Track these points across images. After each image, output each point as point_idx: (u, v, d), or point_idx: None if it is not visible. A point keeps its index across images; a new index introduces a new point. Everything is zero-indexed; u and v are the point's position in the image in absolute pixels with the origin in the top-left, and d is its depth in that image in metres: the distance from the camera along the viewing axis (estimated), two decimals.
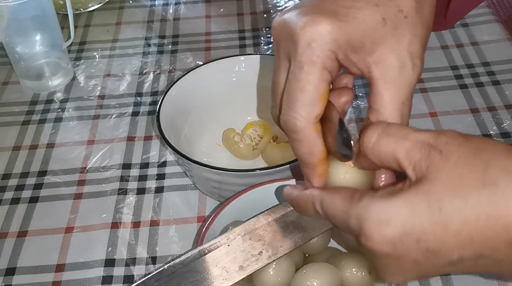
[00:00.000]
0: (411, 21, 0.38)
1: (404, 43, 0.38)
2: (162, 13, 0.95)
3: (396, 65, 0.38)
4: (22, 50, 0.79)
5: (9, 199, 0.66)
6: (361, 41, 0.37)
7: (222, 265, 0.43)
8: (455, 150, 0.33)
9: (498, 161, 0.32)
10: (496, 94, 0.74)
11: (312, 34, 0.37)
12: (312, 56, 0.37)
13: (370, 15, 0.37)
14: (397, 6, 0.38)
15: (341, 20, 0.37)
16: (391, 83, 0.38)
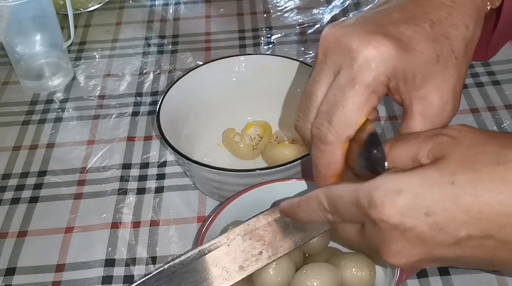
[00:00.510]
0: (460, 62, 0.38)
1: (450, 83, 0.38)
2: (162, 13, 0.95)
3: (439, 105, 0.38)
4: (22, 50, 0.79)
5: (9, 199, 0.66)
6: (414, 73, 0.37)
7: (222, 265, 0.43)
8: (469, 135, 0.33)
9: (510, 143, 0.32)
10: (496, 94, 0.74)
11: (375, 55, 0.36)
12: (368, 77, 0.36)
13: (428, 49, 0.37)
14: (451, 45, 0.38)
15: (404, 48, 0.36)
16: (428, 121, 0.38)
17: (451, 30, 0.38)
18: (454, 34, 0.38)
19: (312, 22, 0.90)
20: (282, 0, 0.96)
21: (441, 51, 0.37)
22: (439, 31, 0.38)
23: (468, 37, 0.38)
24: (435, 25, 0.38)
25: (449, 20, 0.38)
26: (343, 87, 0.37)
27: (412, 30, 0.37)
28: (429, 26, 0.37)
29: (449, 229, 0.32)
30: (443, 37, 0.38)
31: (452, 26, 0.38)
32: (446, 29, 0.38)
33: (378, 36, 0.36)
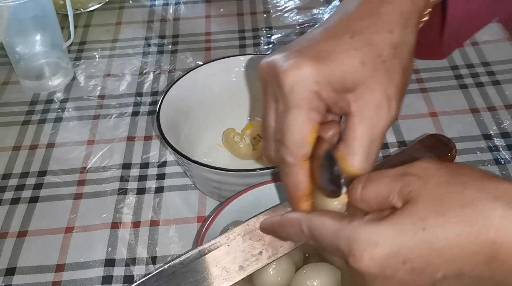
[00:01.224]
0: (389, 65, 0.40)
1: (382, 85, 0.39)
2: (162, 13, 0.95)
3: (373, 104, 0.39)
4: (22, 50, 0.79)
5: (9, 199, 0.66)
6: (341, 81, 0.39)
7: (222, 265, 0.43)
8: (434, 174, 0.35)
9: (474, 182, 0.34)
10: (496, 94, 0.74)
11: (295, 77, 0.39)
12: (297, 99, 0.39)
13: (350, 58, 0.39)
14: (376, 51, 0.40)
15: (322, 62, 0.39)
16: (364, 120, 0.40)
17: (374, 36, 0.40)
18: (378, 40, 0.40)
19: (312, 22, 0.90)
20: (282, 0, 0.96)
21: (365, 56, 0.39)
22: (360, 39, 0.40)
23: (395, 41, 0.40)
24: (356, 35, 0.40)
25: (372, 28, 0.40)
26: (283, 113, 0.40)
27: (332, 44, 0.40)
28: (349, 37, 0.40)
29: (427, 273, 0.34)
30: (366, 44, 0.39)
31: (375, 33, 0.40)
32: (369, 36, 0.40)
33: (296, 59, 0.39)
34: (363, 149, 0.40)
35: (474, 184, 0.34)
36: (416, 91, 0.76)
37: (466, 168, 0.35)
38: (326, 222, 0.37)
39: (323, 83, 0.39)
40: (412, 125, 0.71)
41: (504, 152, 0.67)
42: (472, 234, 0.32)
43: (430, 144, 0.60)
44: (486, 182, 0.34)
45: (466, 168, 0.35)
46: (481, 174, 0.35)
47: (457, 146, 0.61)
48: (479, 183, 0.34)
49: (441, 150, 0.60)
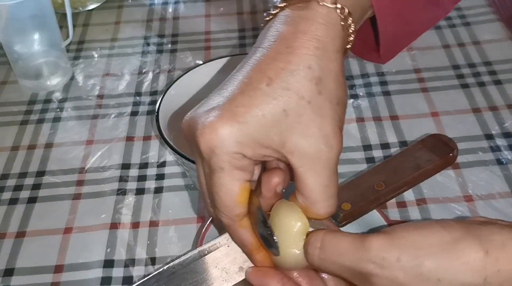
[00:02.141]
0: (316, 104, 0.37)
1: (314, 128, 0.37)
2: (162, 12, 0.95)
3: (311, 152, 0.37)
4: (20, 50, 0.78)
5: (8, 200, 0.66)
6: (266, 136, 0.37)
7: (222, 266, 0.43)
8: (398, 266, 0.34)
9: (444, 267, 0.33)
10: (498, 93, 0.74)
11: (213, 141, 0.37)
12: (218, 162, 0.37)
13: (269, 110, 0.36)
14: (297, 93, 0.37)
15: (240, 121, 0.36)
16: (310, 170, 0.37)
17: (291, 79, 0.37)
18: (296, 82, 0.37)
19: None
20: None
21: (287, 103, 0.37)
22: (278, 85, 0.37)
23: (316, 75, 0.37)
24: (272, 82, 0.37)
25: (288, 69, 0.37)
26: (209, 176, 0.38)
27: (249, 97, 0.37)
28: (266, 84, 0.37)
29: None
30: (284, 90, 0.37)
31: (292, 74, 0.37)
32: (286, 80, 0.37)
33: (212, 121, 0.37)
34: (321, 196, 0.38)
35: (444, 270, 0.33)
36: (418, 91, 0.75)
37: (427, 243, 0.34)
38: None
39: (245, 142, 0.37)
40: (413, 125, 0.71)
41: (506, 152, 0.66)
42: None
43: (431, 144, 0.60)
44: (453, 263, 0.33)
45: (427, 243, 0.34)
46: (443, 248, 0.33)
47: (459, 146, 0.60)
48: (447, 265, 0.33)
49: (442, 150, 0.59)
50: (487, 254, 0.32)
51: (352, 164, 0.67)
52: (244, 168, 0.38)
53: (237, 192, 0.38)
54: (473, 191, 0.63)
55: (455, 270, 0.33)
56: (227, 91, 0.38)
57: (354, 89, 0.77)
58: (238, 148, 0.37)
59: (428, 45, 0.82)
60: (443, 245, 0.33)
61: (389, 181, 0.52)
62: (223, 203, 0.38)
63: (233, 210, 0.38)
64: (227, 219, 0.39)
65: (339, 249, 0.36)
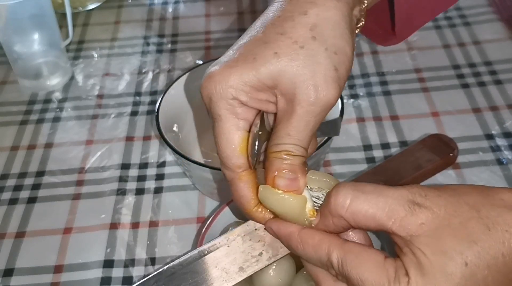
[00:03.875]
0: (309, 49, 0.37)
1: (305, 75, 0.37)
2: (161, 12, 0.95)
3: (298, 98, 0.37)
4: (20, 49, 0.78)
5: (7, 200, 0.66)
6: (258, 79, 0.37)
7: (222, 266, 0.43)
8: (438, 202, 0.33)
9: (481, 201, 0.33)
10: (498, 93, 0.74)
11: (209, 89, 0.38)
12: (216, 109, 0.38)
13: (260, 52, 0.37)
14: (290, 38, 0.37)
15: (233, 66, 0.37)
16: (290, 114, 0.37)
17: (286, 24, 0.38)
18: (290, 26, 0.37)
19: None
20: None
21: (278, 47, 0.37)
22: (272, 31, 0.38)
23: (311, 21, 0.37)
24: (267, 29, 0.38)
25: (283, 15, 0.38)
26: (212, 128, 0.39)
27: (245, 45, 0.38)
28: (261, 32, 0.38)
29: None
30: (277, 35, 0.37)
31: (286, 20, 0.38)
32: (281, 25, 0.38)
33: (210, 71, 0.38)
34: (294, 135, 0.37)
35: (482, 204, 0.33)
36: (418, 91, 0.75)
37: (461, 188, 0.34)
38: (369, 269, 0.34)
39: (238, 86, 0.37)
40: (414, 125, 0.71)
41: (506, 152, 0.66)
42: (506, 253, 0.32)
43: (432, 144, 0.60)
44: (490, 199, 0.33)
45: (461, 188, 0.34)
46: (477, 190, 0.34)
47: (459, 146, 0.60)
48: (485, 201, 0.33)
49: (443, 150, 0.59)
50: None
51: (352, 164, 0.67)
52: (241, 115, 0.38)
53: (238, 141, 0.38)
54: None
55: (493, 204, 0.33)
56: (231, 48, 0.39)
57: (354, 89, 0.77)
58: (232, 93, 0.37)
59: (429, 45, 0.82)
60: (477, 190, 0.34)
61: (390, 181, 0.52)
62: (224, 152, 0.38)
63: (233, 159, 0.38)
64: (228, 171, 0.39)
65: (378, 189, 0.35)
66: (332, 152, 0.68)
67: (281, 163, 0.37)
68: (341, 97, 0.60)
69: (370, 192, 0.34)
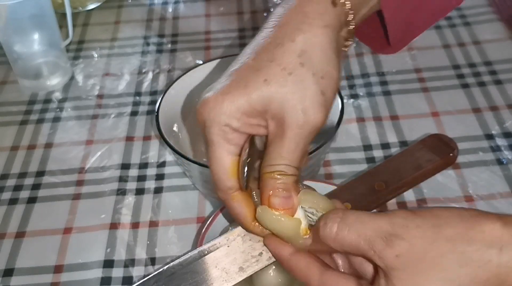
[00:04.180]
0: (297, 75, 0.38)
1: (293, 100, 0.38)
2: (161, 12, 0.95)
3: (288, 123, 0.38)
4: (20, 49, 0.78)
5: (7, 200, 0.66)
6: (250, 105, 0.39)
7: (222, 266, 0.43)
8: (416, 234, 0.34)
9: (461, 236, 0.33)
10: (498, 93, 0.74)
11: (203, 115, 0.39)
12: (209, 135, 0.40)
13: (251, 80, 0.39)
14: (279, 65, 0.38)
15: (226, 93, 0.39)
16: (281, 137, 0.39)
17: (275, 51, 0.39)
18: (279, 54, 0.39)
19: None
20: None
21: (268, 74, 0.38)
22: (262, 58, 0.39)
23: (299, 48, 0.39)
24: (258, 55, 0.39)
25: (273, 43, 0.39)
26: (206, 151, 0.41)
27: (237, 72, 0.40)
28: (252, 59, 0.39)
29: None
30: (267, 62, 0.39)
31: (276, 47, 0.39)
32: (270, 52, 0.39)
33: (204, 98, 0.39)
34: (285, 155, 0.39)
35: (461, 238, 0.33)
36: (418, 91, 0.75)
37: (445, 215, 0.34)
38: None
39: (231, 113, 0.39)
40: (414, 125, 0.71)
41: (506, 152, 0.66)
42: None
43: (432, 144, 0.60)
44: (470, 232, 0.33)
45: (445, 215, 0.34)
46: (461, 219, 0.34)
47: (459, 146, 0.60)
48: (464, 234, 0.33)
49: (442, 150, 0.59)
50: (505, 225, 0.33)
51: (352, 164, 0.67)
52: (232, 141, 0.40)
53: (228, 165, 0.40)
54: (473, 191, 0.63)
55: (472, 237, 0.33)
56: (225, 73, 0.41)
57: (354, 89, 0.77)
58: (225, 119, 0.39)
59: (429, 45, 0.82)
60: (461, 217, 0.34)
61: (389, 181, 0.52)
62: (217, 175, 0.40)
63: (225, 182, 0.40)
64: (221, 193, 0.41)
65: (360, 219, 0.36)
66: (332, 152, 0.68)
67: (274, 182, 0.39)
68: (341, 97, 0.60)
69: (353, 223, 0.36)
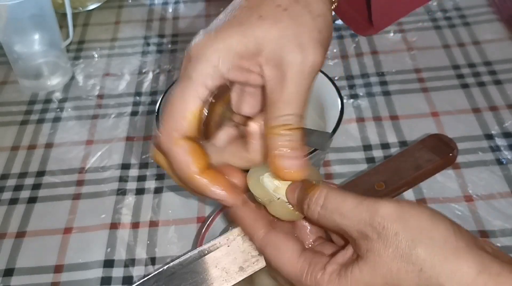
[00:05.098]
0: (293, 11, 0.37)
1: (290, 36, 0.37)
2: (162, 12, 0.95)
3: (286, 60, 0.37)
4: (20, 49, 0.78)
5: (7, 200, 0.66)
6: (244, 44, 0.37)
7: (222, 266, 0.43)
8: (393, 240, 0.33)
9: (432, 265, 0.32)
10: (498, 93, 0.74)
11: (194, 50, 0.38)
12: (190, 70, 0.38)
13: (246, 17, 0.37)
14: (274, 2, 0.38)
15: (220, 31, 0.37)
16: (282, 79, 0.37)
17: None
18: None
19: None
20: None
21: (263, 10, 0.37)
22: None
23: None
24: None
25: None
26: (174, 87, 0.39)
27: (232, 12, 0.38)
28: (245, 0, 0.38)
29: None
30: (261, 0, 0.38)
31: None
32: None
33: (197, 38, 0.39)
34: (290, 103, 0.37)
35: (431, 265, 0.32)
36: (418, 91, 0.75)
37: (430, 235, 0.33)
38: (284, 261, 0.37)
39: (223, 51, 0.37)
40: (414, 125, 0.71)
41: (506, 152, 0.66)
42: None
43: (432, 144, 0.60)
44: (442, 266, 0.32)
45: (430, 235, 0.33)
46: (442, 245, 0.33)
47: (459, 146, 0.60)
48: (437, 264, 0.32)
49: (442, 150, 0.59)
50: (478, 274, 0.32)
51: (352, 164, 0.67)
52: (209, 86, 0.38)
53: (192, 107, 0.37)
54: (473, 191, 0.63)
55: (441, 271, 0.32)
56: (220, 15, 0.40)
57: (354, 89, 0.77)
58: (215, 58, 0.37)
59: (428, 45, 0.82)
60: (444, 244, 0.33)
61: (389, 181, 0.52)
62: (172, 113, 0.38)
63: (176, 123, 0.38)
64: (166, 137, 0.38)
65: (342, 209, 0.35)
66: (332, 152, 0.68)
67: (281, 140, 0.37)
68: (340, 97, 0.60)
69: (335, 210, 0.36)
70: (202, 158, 0.39)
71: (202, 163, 0.39)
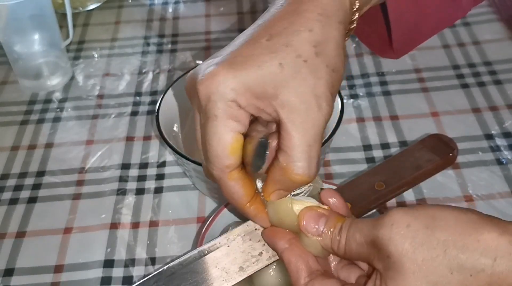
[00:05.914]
0: (312, 64, 0.38)
1: (307, 86, 0.38)
2: (162, 12, 0.95)
3: (301, 108, 0.38)
4: (20, 49, 0.78)
5: (8, 200, 0.66)
6: (261, 87, 0.38)
7: (222, 266, 0.43)
8: (406, 234, 0.34)
9: (454, 241, 0.33)
10: (498, 93, 0.74)
11: (210, 88, 0.38)
12: (213, 109, 0.38)
13: (267, 61, 0.38)
14: (295, 51, 0.38)
15: (237, 69, 0.38)
16: (297, 126, 0.38)
17: (292, 37, 0.39)
18: (296, 40, 0.38)
19: None
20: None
21: (283, 58, 0.38)
22: (278, 41, 0.38)
23: (315, 39, 0.39)
24: (273, 38, 0.39)
25: (290, 29, 0.39)
26: (203, 126, 0.39)
27: (249, 49, 0.39)
28: (266, 40, 0.39)
29: None
30: (283, 46, 0.38)
31: (293, 33, 0.39)
32: (287, 37, 0.39)
33: (212, 68, 0.39)
34: (303, 155, 0.38)
35: (454, 243, 0.33)
36: (418, 91, 0.75)
37: (441, 217, 0.34)
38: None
39: (240, 90, 0.38)
40: (414, 125, 0.71)
41: (506, 152, 0.66)
42: None
43: (432, 144, 0.60)
44: (464, 238, 0.33)
45: (441, 217, 0.34)
46: (459, 222, 0.33)
47: (459, 146, 0.60)
48: (458, 240, 0.33)
49: (442, 150, 0.59)
50: (501, 235, 0.32)
51: (352, 164, 0.67)
52: (237, 118, 0.39)
53: (229, 142, 0.39)
54: (473, 191, 0.63)
55: (465, 245, 0.32)
56: (231, 46, 0.40)
57: (354, 89, 0.77)
58: (233, 95, 0.38)
59: (428, 45, 0.82)
60: (458, 221, 0.33)
61: (389, 181, 0.52)
62: (215, 152, 0.39)
63: (223, 160, 0.39)
64: (217, 171, 0.40)
65: (359, 226, 0.37)
66: (332, 152, 0.68)
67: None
68: (341, 97, 0.60)
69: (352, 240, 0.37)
70: (250, 188, 0.41)
71: (251, 193, 0.41)
